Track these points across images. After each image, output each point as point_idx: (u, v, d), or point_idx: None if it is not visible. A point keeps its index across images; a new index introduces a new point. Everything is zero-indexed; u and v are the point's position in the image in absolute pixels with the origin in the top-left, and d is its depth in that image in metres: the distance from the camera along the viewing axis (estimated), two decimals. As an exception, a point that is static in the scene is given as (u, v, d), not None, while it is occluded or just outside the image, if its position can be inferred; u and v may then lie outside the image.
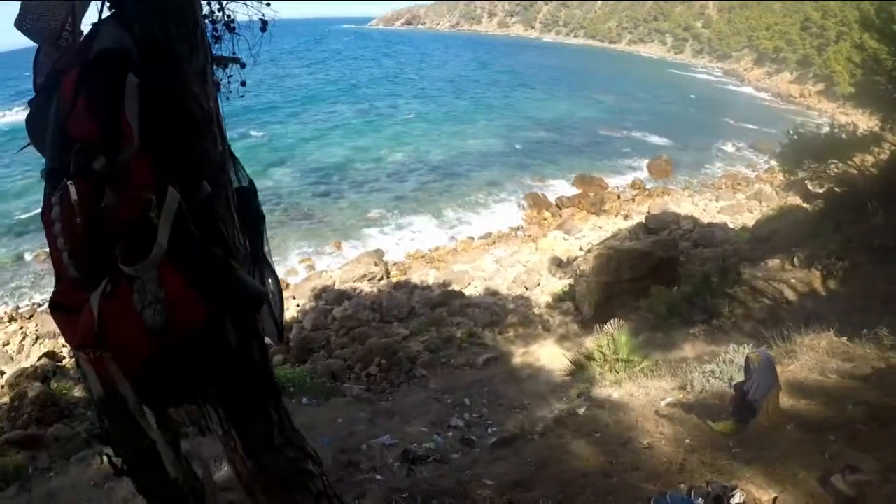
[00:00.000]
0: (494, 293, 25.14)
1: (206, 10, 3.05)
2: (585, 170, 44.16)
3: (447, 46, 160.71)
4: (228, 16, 3.31)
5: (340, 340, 20.35)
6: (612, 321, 14.03)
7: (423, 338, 20.00)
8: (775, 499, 5.12)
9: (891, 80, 20.35)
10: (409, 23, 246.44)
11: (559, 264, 27.63)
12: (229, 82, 3.30)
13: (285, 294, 24.08)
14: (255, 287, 2.66)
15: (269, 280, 3.05)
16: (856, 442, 6.01)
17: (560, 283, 25.39)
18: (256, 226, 3.02)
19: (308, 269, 27.76)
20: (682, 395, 8.44)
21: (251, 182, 3.08)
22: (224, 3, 3.27)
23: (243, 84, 3.41)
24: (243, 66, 3.30)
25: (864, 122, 33.14)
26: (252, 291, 2.60)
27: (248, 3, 3.45)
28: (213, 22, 3.20)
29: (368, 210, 35.26)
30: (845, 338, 9.68)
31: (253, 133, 51.72)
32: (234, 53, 3.26)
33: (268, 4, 3.56)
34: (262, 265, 3.00)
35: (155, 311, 2.21)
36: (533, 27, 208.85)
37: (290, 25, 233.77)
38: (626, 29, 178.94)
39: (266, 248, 3.07)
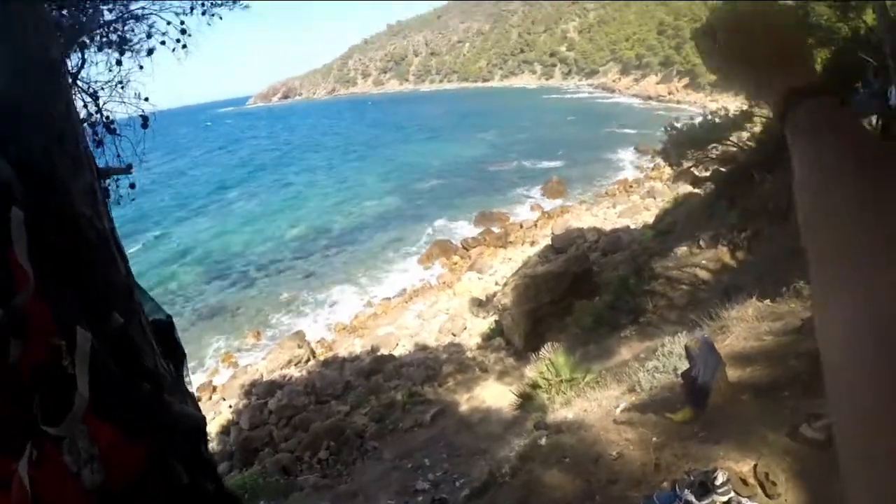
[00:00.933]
0: (424, 347, 25.00)
1: (83, 112, 2.83)
2: (484, 207, 45.00)
3: (329, 113, 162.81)
4: (107, 117, 3.10)
5: (283, 433, 19.63)
6: (545, 346, 14.11)
7: (364, 409, 19.55)
8: (755, 466, 5.21)
9: (748, 61, 21.55)
10: (286, 96, 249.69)
11: (480, 304, 27.81)
12: (117, 187, 3.07)
13: (214, 397, 23.64)
14: (191, 416, 2.40)
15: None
16: (808, 391, 6.15)
17: (486, 322, 25.53)
18: (178, 362, 2.75)
19: (232, 366, 26.77)
20: (633, 398, 8.48)
21: (168, 317, 2.81)
22: (101, 103, 3.06)
23: (132, 187, 3.20)
24: (131, 171, 3.08)
25: (733, 103, 34.91)
26: (189, 422, 2.34)
27: (126, 101, 3.25)
28: (93, 125, 2.99)
29: (280, 293, 34.50)
30: (768, 300, 9.99)
31: (150, 235, 50.09)
32: (118, 155, 3.04)
33: (146, 99, 3.38)
34: (185, 396, 2.74)
35: (93, 470, 1.93)
36: (407, 80, 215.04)
37: (171, 116, 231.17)
38: (495, 66, 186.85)
39: (188, 381, 2.81)
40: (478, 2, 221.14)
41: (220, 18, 5.73)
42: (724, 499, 4.82)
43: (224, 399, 23.38)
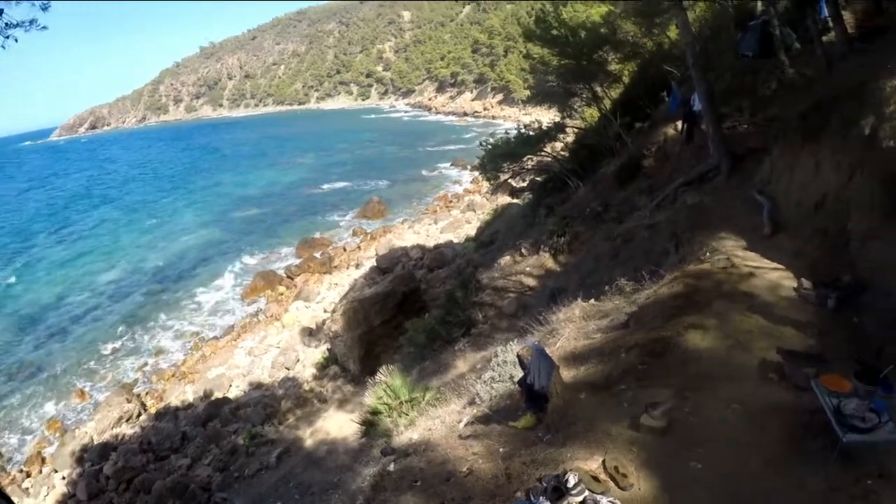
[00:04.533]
0: (259, 385, 24.34)
1: None
2: (306, 233, 44.62)
3: (142, 142, 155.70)
4: None
5: (124, 498, 18.46)
6: (381, 369, 14.14)
7: (206, 460, 18.90)
8: (604, 461, 5.31)
9: (559, 77, 22.86)
10: (93, 126, 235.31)
11: (310, 333, 27.50)
12: None
13: (45, 469, 21.78)
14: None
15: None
16: (643, 381, 6.45)
17: (318, 352, 25.20)
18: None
19: (58, 433, 24.18)
20: (475, 410, 8.49)
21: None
22: None
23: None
24: None
25: (546, 116, 36.64)
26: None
27: None
28: None
29: (100, 344, 32.05)
30: (593, 300, 10.43)
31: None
32: None
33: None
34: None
35: None
36: (221, 105, 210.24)
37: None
38: (311, 88, 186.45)
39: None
40: (294, 21, 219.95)
41: (16, 41, 5.24)
42: (580, 499, 4.86)
43: (56, 471, 21.52)
